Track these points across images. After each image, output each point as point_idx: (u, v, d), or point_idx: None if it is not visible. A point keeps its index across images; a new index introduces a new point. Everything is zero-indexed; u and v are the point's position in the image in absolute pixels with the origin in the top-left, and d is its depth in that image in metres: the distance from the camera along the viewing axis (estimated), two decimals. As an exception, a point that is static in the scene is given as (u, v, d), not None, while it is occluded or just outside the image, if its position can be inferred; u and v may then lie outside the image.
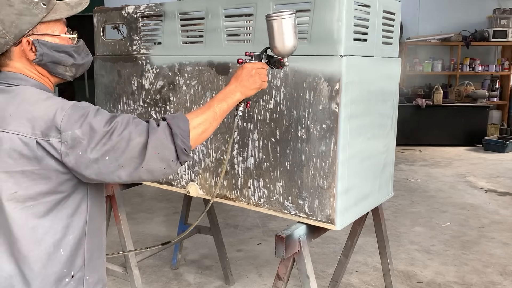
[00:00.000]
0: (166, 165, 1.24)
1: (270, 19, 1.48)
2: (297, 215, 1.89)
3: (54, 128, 1.17)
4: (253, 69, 1.50)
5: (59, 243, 1.26)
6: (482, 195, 5.35)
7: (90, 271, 1.35)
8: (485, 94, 8.28)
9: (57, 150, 1.18)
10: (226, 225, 4.33)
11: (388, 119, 2.15)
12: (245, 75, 1.49)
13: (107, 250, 1.49)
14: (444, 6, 8.79)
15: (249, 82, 1.49)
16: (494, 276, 3.37)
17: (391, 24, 2.07)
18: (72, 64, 1.34)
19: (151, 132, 1.23)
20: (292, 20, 1.48)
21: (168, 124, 1.26)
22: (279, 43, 1.49)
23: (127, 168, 1.21)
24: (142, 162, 1.21)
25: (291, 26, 1.48)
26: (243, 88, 1.48)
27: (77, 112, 1.20)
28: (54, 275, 1.27)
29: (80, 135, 1.17)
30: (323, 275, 3.37)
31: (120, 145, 1.20)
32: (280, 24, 1.47)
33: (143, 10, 2.25)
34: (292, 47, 1.51)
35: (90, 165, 1.19)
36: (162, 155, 1.22)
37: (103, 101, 2.52)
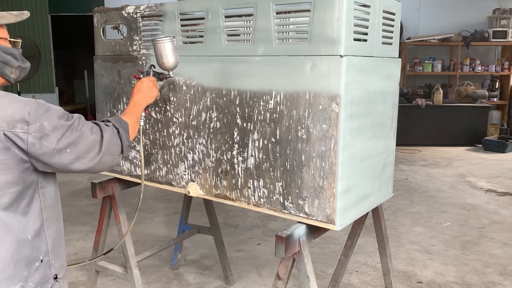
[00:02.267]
0: (114, 159, 1.49)
1: (155, 43, 1.88)
2: (297, 215, 1.89)
3: (22, 120, 1.29)
4: (151, 82, 1.87)
5: (24, 229, 1.37)
6: (482, 195, 5.35)
7: (55, 256, 1.48)
8: (485, 94, 8.28)
9: (23, 140, 1.29)
10: (226, 225, 4.34)
11: (388, 119, 2.15)
12: (146, 87, 1.84)
13: (107, 250, 1.57)
14: (444, 6, 8.79)
15: (149, 92, 1.84)
16: (494, 276, 3.37)
17: (391, 24, 2.07)
18: (18, 66, 1.45)
19: (104, 131, 1.47)
20: (173, 43, 1.88)
21: (114, 125, 1.53)
22: (165, 59, 1.90)
23: (84, 160, 1.41)
24: (98, 155, 1.43)
25: (171, 48, 1.88)
26: (146, 97, 1.83)
27: (42, 107, 1.34)
28: (25, 259, 1.38)
29: (47, 127, 1.32)
30: (323, 275, 3.37)
31: (80, 139, 1.39)
32: (163, 46, 1.88)
33: (143, 10, 2.25)
34: (174, 64, 1.93)
35: (54, 155, 1.34)
36: (112, 150, 1.48)
37: (103, 101, 2.52)
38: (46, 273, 1.44)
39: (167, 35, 1.88)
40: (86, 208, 4.90)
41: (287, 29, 1.89)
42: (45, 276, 1.44)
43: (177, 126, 2.22)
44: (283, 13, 1.83)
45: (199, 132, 2.14)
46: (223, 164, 2.07)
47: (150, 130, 2.34)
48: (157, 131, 2.31)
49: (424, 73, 8.65)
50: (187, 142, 2.19)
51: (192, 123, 2.16)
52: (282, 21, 1.84)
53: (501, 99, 8.81)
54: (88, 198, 5.12)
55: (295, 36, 1.85)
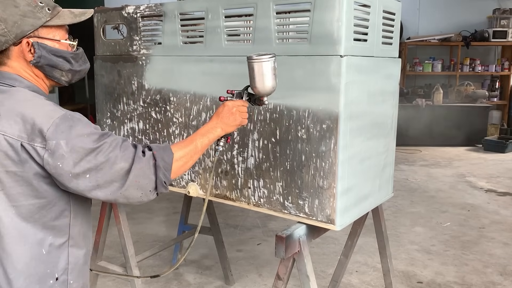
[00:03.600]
0: (143, 194, 1.28)
1: (251, 62, 1.55)
2: (297, 215, 1.89)
3: (40, 134, 1.18)
4: (234, 107, 1.57)
5: (42, 243, 1.28)
6: (482, 195, 5.35)
7: (75, 276, 1.36)
8: (485, 94, 8.28)
9: (40, 155, 1.19)
10: (226, 225, 4.33)
11: (388, 119, 2.15)
12: (226, 113, 1.56)
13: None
14: (444, 6, 8.79)
15: (230, 120, 1.56)
16: (494, 276, 3.37)
17: (391, 24, 2.07)
18: (69, 69, 1.36)
19: (136, 161, 1.26)
20: (271, 63, 1.55)
21: (153, 155, 1.30)
22: (259, 84, 1.57)
23: (105, 190, 1.24)
24: (122, 187, 1.24)
25: (270, 69, 1.55)
26: (224, 125, 1.55)
27: (65, 123, 1.20)
28: (37, 275, 1.28)
29: (64, 147, 1.18)
30: (323, 275, 3.37)
31: (104, 166, 1.22)
32: (261, 67, 1.54)
33: (143, 10, 2.25)
34: (271, 88, 1.59)
35: (69, 179, 1.21)
36: (142, 184, 1.26)
37: (103, 101, 2.52)
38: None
39: (267, 53, 1.56)
40: (86, 208, 4.90)
41: (287, 29, 1.89)
42: None
43: (177, 126, 2.22)
44: (283, 13, 1.83)
45: (199, 132, 2.13)
46: (223, 164, 2.07)
47: (150, 130, 2.34)
48: (157, 131, 2.31)
49: (424, 73, 8.65)
50: (187, 142, 2.19)
51: (192, 123, 2.16)
52: (282, 21, 1.84)
53: (501, 99, 8.81)
54: (88, 198, 5.12)
55: (295, 36, 1.85)
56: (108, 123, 2.52)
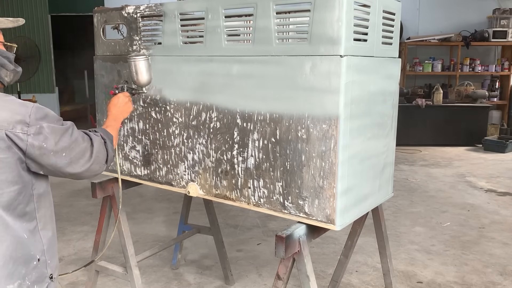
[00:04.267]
0: (100, 167, 1.55)
1: (130, 60, 2.04)
2: (297, 215, 1.89)
3: (23, 121, 1.33)
4: (126, 97, 1.99)
5: (21, 229, 1.40)
6: (482, 195, 5.35)
7: (50, 256, 1.51)
8: (485, 94, 8.28)
9: (23, 140, 1.34)
10: (226, 225, 4.34)
11: (388, 119, 2.15)
12: (122, 103, 1.96)
13: (107, 250, 1.59)
14: (444, 6, 8.79)
15: (125, 107, 1.97)
16: (494, 276, 3.37)
17: (391, 24, 2.07)
18: (12, 69, 1.49)
19: (94, 140, 1.53)
20: (147, 61, 2.09)
21: (101, 136, 1.59)
22: (139, 77, 2.10)
23: (75, 166, 1.46)
24: (89, 161, 1.49)
25: (146, 66, 2.09)
26: (123, 112, 1.95)
27: (41, 110, 1.39)
28: (22, 258, 1.40)
29: (46, 130, 1.37)
30: (323, 275, 3.37)
31: (74, 145, 1.45)
32: (137, 64, 2.07)
33: (143, 10, 2.25)
34: (148, 81, 2.14)
35: (50, 157, 1.39)
36: (100, 159, 1.53)
37: (103, 101, 2.52)
38: (42, 272, 1.47)
39: (142, 54, 2.07)
40: (86, 208, 4.90)
41: (287, 29, 1.89)
42: (42, 275, 1.47)
43: (177, 126, 2.22)
44: (283, 13, 1.83)
45: (199, 132, 2.14)
46: (223, 164, 2.07)
47: (150, 130, 2.34)
48: (157, 131, 2.31)
49: (424, 73, 8.65)
50: (187, 142, 2.19)
51: (192, 123, 2.16)
52: (282, 21, 1.84)
53: (501, 99, 8.81)
54: (88, 198, 5.12)
55: (295, 36, 1.85)
56: (108, 123, 2.51)
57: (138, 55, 2.03)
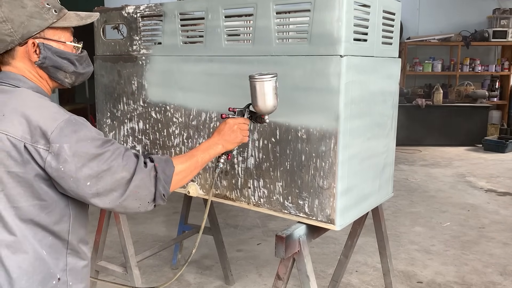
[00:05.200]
0: (141, 205, 1.29)
1: (253, 81, 1.58)
2: (297, 215, 1.89)
3: (44, 137, 1.19)
4: (235, 125, 1.61)
5: (41, 244, 1.27)
6: (482, 195, 5.35)
7: (73, 277, 1.35)
8: (485, 94, 8.28)
9: (42, 157, 1.19)
10: (226, 225, 4.34)
11: (388, 119, 2.15)
12: (227, 130, 1.59)
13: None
14: (444, 6, 8.79)
15: (231, 137, 1.59)
16: (494, 276, 3.37)
17: (391, 24, 2.07)
18: (73, 71, 1.37)
19: (137, 171, 1.27)
20: (273, 83, 1.58)
21: (155, 167, 1.31)
22: (261, 102, 1.60)
23: (104, 198, 1.24)
24: (121, 197, 1.25)
25: (271, 88, 1.58)
26: (225, 142, 1.59)
27: (70, 127, 1.21)
28: (40, 275, 1.28)
29: (67, 151, 1.19)
30: (323, 275, 3.37)
31: (105, 174, 1.22)
32: (262, 86, 1.57)
33: (143, 10, 2.25)
34: (273, 107, 1.63)
35: (70, 183, 1.21)
36: (141, 195, 1.27)
37: (103, 101, 2.52)
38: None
39: (269, 73, 1.59)
40: (86, 208, 4.90)
41: (287, 29, 1.89)
42: None
43: (177, 126, 2.22)
44: (283, 13, 1.83)
45: (199, 132, 2.14)
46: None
47: (150, 130, 2.34)
48: (157, 131, 2.31)
49: (424, 73, 8.65)
50: (187, 142, 2.19)
51: (192, 123, 2.16)
52: (282, 21, 1.84)
53: (501, 99, 8.81)
54: (88, 198, 5.12)
55: (295, 36, 1.85)
56: (108, 123, 2.52)
57: (262, 75, 1.58)
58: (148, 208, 1.31)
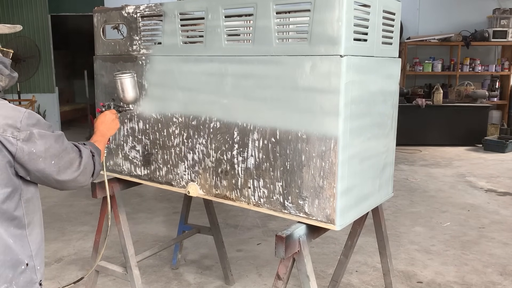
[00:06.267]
0: (86, 179, 1.56)
1: (115, 78, 2.05)
2: (297, 215, 1.89)
3: (13, 126, 1.35)
4: (113, 115, 2.00)
5: (6, 232, 1.39)
6: (482, 195, 5.35)
7: (39, 261, 1.51)
8: (485, 94, 8.28)
9: (13, 144, 1.35)
10: (226, 225, 4.34)
11: (388, 119, 2.15)
12: (109, 120, 1.97)
13: (107, 250, 1.58)
14: (444, 6, 8.79)
15: (112, 124, 1.98)
16: (494, 276, 3.37)
17: (391, 24, 2.07)
18: (8, 74, 1.49)
19: (83, 152, 1.55)
20: (133, 79, 2.08)
21: (90, 149, 1.61)
22: (126, 94, 2.10)
23: (63, 174, 1.47)
24: (75, 172, 1.50)
25: (132, 83, 2.09)
26: (110, 129, 1.96)
27: (32, 116, 1.40)
28: (10, 261, 1.40)
29: (36, 135, 1.39)
30: (323, 275, 3.37)
31: (64, 154, 1.47)
32: (123, 82, 2.08)
33: (143, 10, 2.25)
34: (134, 98, 2.14)
35: (39, 163, 1.40)
36: (87, 171, 1.55)
37: (103, 101, 2.52)
38: (31, 278, 1.46)
39: (128, 71, 2.07)
40: (86, 208, 4.90)
41: (287, 29, 1.89)
42: (30, 281, 1.46)
43: (177, 126, 2.22)
44: (283, 13, 1.83)
45: (199, 132, 2.14)
46: (223, 164, 2.07)
47: (150, 130, 2.34)
48: (157, 131, 2.31)
49: (424, 73, 8.65)
50: (187, 142, 2.19)
51: (192, 123, 2.16)
52: (282, 21, 1.84)
53: (501, 99, 8.81)
54: (88, 198, 5.12)
55: (295, 36, 1.85)
56: (108, 123, 2.51)
57: (124, 73, 2.05)
58: (89, 182, 1.59)
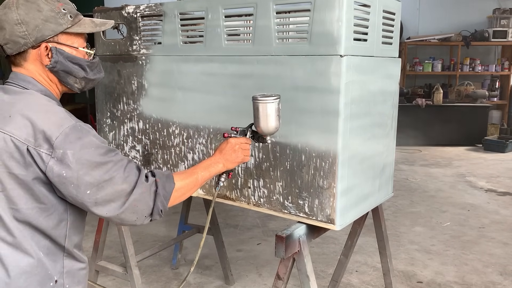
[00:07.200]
0: (138, 218, 1.30)
1: (256, 102, 1.58)
2: (297, 215, 1.89)
3: (48, 141, 1.20)
4: (237, 145, 1.62)
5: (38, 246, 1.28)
6: (482, 195, 5.35)
7: (70, 280, 1.36)
8: (485, 94, 8.28)
9: (44, 162, 1.20)
10: (226, 225, 4.34)
11: (388, 119, 2.15)
12: (229, 149, 1.61)
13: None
14: (444, 6, 8.79)
15: (232, 156, 1.61)
16: (494, 276, 3.37)
17: (391, 24, 2.07)
18: (83, 77, 1.38)
19: (138, 185, 1.28)
20: (276, 105, 1.59)
21: (155, 182, 1.33)
22: (263, 123, 1.60)
23: (102, 209, 1.25)
24: (119, 209, 1.26)
25: (274, 110, 1.59)
26: (226, 161, 1.60)
27: (75, 133, 1.22)
28: (37, 276, 1.28)
29: (70, 158, 1.20)
30: (323, 275, 3.37)
31: (106, 185, 1.24)
32: (265, 108, 1.58)
33: (143, 10, 2.25)
34: (275, 129, 1.63)
35: (70, 189, 1.22)
36: (139, 209, 1.29)
37: (103, 101, 2.52)
38: None
39: (272, 94, 1.60)
40: (86, 208, 4.90)
41: (287, 29, 1.89)
42: None
43: (177, 125, 2.22)
44: (283, 13, 1.83)
45: (199, 131, 2.14)
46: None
47: (150, 130, 2.33)
48: (157, 131, 2.31)
49: (424, 73, 8.65)
50: (187, 142, 2.19)
51: (192, 123, 2.16)
52: (282, 21, 1.84)
53: (501, 99, 8.81)
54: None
55: (295, 36, 1.85)
56: (108, 122, 2.52)
57: (265, 96, 1.58)
58: (144, 222, 1.33)
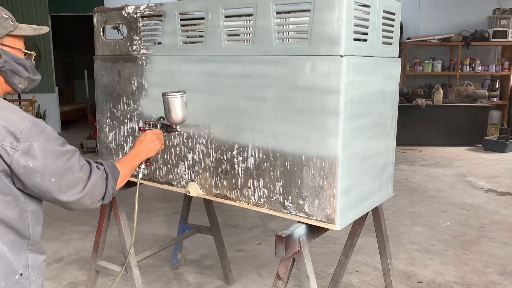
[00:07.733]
0: (93, 202, 1.46)
1: (167, 97, 1.86)
2: (297, 215, 1.89)
3: (13, 135, 1.28)
4: (154, 135, 1.85)
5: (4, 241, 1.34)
6: (482, 195, 5.35)
7: (36, 272, 1.44)
8: (485, 94, 8.28)
9: (9, 155, 1.27)
10: (226, 225, 4.34)
11: (388, 119, 2.15)
12: (148, 140, 1.82)
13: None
14: (444, 6, 8.80)
15: (151, 146, 1.83)
16: (494, 276, 3.37)
17: (391, 24, 2.07)
18: (27, 77, 1.47)
19: (93, 173, 1.44)
20: (183, 98, 1.88)
21: (105, 170, 1.50)
22: (173, 115, 1.88)
23: (64, 195, 1.37)
24: (79, 194, 1.39)
25: (182, 103, 1.88)
26: (148, 150, 1.82)
27: (37, 127, 1.32)
28: (3, 270, 1.34)
29: (37, 149, 1.30)
30: (323, 275, 3.37)
31: (67, 172, 1.36)
32: (174, 101, 1.86)
33: (143, 10, 2.25)
34: (183, 118, 1.91)
35: (35, 178, 1.31)
36: (94, 194, 1.44)
37: (103, 101, 2.52)
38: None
39: (178, 91, 1.87)
40: (86, 208, 4.90)
41: (287, 29, 1.89)
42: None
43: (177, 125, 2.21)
44: (283, 13, 1.83)
45: (199, 131, 2.14)
46: (223, 163, 2.07)
47: (150, 130, 2.33)
48: (157, 131, 2.30)
49: (424, 73, 8.65)
50: (187, 142, 2.19)
51: (192, 123, 2.16)
52: (282, 21, 1.84)
53: (501, 99, 8.81)
54: (88, 198, 5.12)
55: (295, 36, 1.85)
56: (108, 123, 2.52)
57: (174, 92, 1.86)
58: (97, 205, 1.48)
